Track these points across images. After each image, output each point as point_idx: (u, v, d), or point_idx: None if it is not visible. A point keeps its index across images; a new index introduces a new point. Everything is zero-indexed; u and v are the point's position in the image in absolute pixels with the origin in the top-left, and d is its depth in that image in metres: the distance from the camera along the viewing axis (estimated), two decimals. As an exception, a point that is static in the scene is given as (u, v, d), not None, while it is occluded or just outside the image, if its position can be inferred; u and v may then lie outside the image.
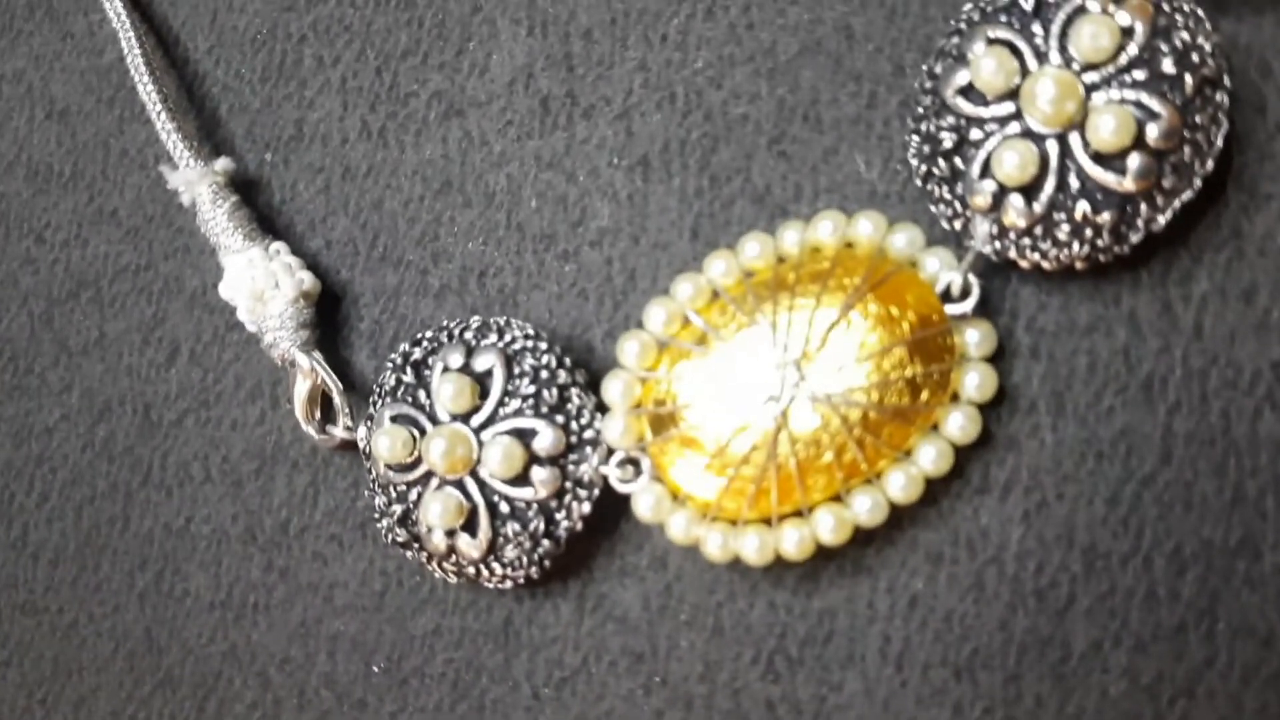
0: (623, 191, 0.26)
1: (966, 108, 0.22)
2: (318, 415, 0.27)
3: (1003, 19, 0.22)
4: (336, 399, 0.26)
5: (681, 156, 0.26)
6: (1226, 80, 0.21)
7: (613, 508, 0.24)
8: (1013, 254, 0.22)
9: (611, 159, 0.26)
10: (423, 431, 0.24)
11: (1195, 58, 0.21)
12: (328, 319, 0.28)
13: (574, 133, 0.26)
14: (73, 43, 0.30)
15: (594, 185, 0.26)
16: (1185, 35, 0.21)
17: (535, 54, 0.27)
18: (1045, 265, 0.22)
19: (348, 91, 0.28)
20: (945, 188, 0.23)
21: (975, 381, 0.23)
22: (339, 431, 0.26)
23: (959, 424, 0.23)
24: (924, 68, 0.23)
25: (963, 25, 0.23)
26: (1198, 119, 0.21)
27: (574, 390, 0.24)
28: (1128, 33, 0.21)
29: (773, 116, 0.25)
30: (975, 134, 0.22)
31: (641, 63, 0.26)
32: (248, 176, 0.29)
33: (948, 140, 0.22)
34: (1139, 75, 0.21)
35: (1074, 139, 0.21)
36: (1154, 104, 0.21)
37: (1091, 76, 0.21)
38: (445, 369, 0.24)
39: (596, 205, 0.26)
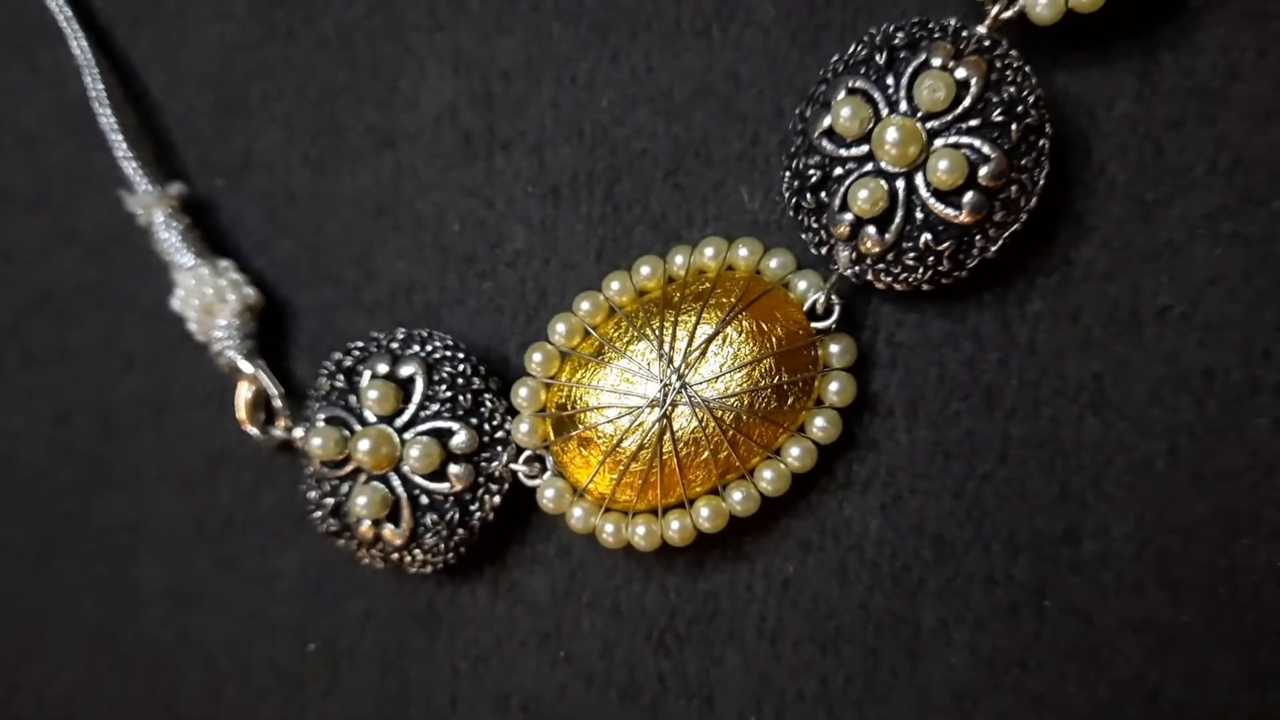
0: (536, 217, 0.30)
1: (829, 148, 0.26)
2: (261, 418, 0.30)
3: (861, 70, 0.26)
4: (277, 402, 0.30)
5: (588, 186, 0.29)
6: (1048, 128, 0.25)
7: (522, 501, 0.28)
8: (870, 277, 0.26)
9: (526, 188, 0.30)
10: (353, 431, 0.28)
11: (1021, 109, 0.25)
12: (271, 331, 0.31)
13: (493, 164, 0.30)
14: (40, 76, 0.34)
15: (510, 211, 0.30)
16: (1013, 89, 0.25)
17: (459, 92, 0.30)
18: (897, 286, 0.26)
19: (291, 124, 0.32)
20: (812, 218, 0.26)
21: (836, 389, 0.27)
22: (279, 432, 0.30)
23: (822, 426, 0.26)
24: (797, 111, 0.27)
25: (829, 75, 0.27)
26: (1023, 161, 0.25)
27: (487, 395, 0.28)
28: (964, 85, 0.25)
29: (669, 152, 0.29)
30: (837, 171, 0.26)
31: (553, 101, 0.30)
32: (200, 200, 0.32)
33: (814, 176, 0.26)
34: (973, 123, 0.25)
35: (918, 178, 0.25)
36: (985, 148, 0.25)
37: (932, 123, 0.25)
38: (373, 375, 0.28)
39: (512, 229, 0.30)
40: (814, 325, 0.27)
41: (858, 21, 0.28)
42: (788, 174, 0.27)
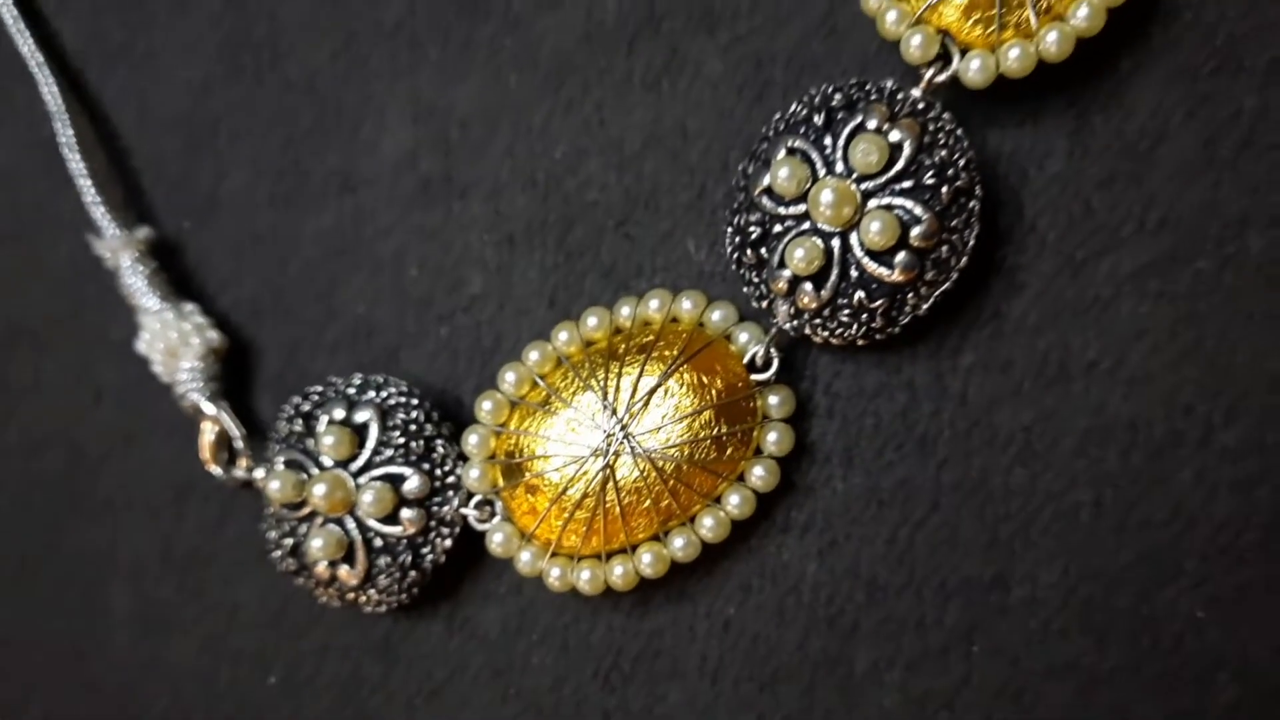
0: (491, 263, 0.31)
1: (769, 206, 0.27)
2: (224, 457, 0.31)
3: (801, 130, 0.27)
4: (239, 443, 0.31)
5: (542, 234, 0.30)
6: (978, 190, 0.26)
7: (474, 540, 0.29)
8: (807, 331, 0.27)
9: (482, 234, 0.31)
10: (310, 475, 0.29)
11: (951, 172, 0.26)
12: (235, 368, 0.32)
13: (451, 210, 0.31)
14: (14, 115, 0.35)
15: (467, 257, 0.31)
16: (944, 152, 0.26)
17: (419, 139, 0.31)
18: (834, 341, 0.27)
19: (257, 165, 0.33)
20: (753, 273, 0.27)
21: (775, 439, 0.28)
22: (240, 472, 0.31)
23: (760, 475, 0.27)
24: (740, 167, 0.28)
25: (770, 133, 0.28)
26: (954, 223, 0.26)
27: (439, 441, 0.29)
28: (898, 148, 0.26)
29: (619, 202, 0.30)
30: (776, 228, 0.27)
31: (509, 150, 0.31)
32: (167, 241, 0.33)
33: (754, 233, 0.27)
34: (906, 185, 0.26)
35: (853, 237, 0.26)
36: (917, 210, 0.26)
37: (867, 184, 0.26)
38: (329, 421, 0.29)
39: (469, 275, 0.31)
40: (753, 377, 0.28)
41: (801, 78, 0.29)
42: (730, 229, 0.28)
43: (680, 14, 0.30)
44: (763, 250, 0.27)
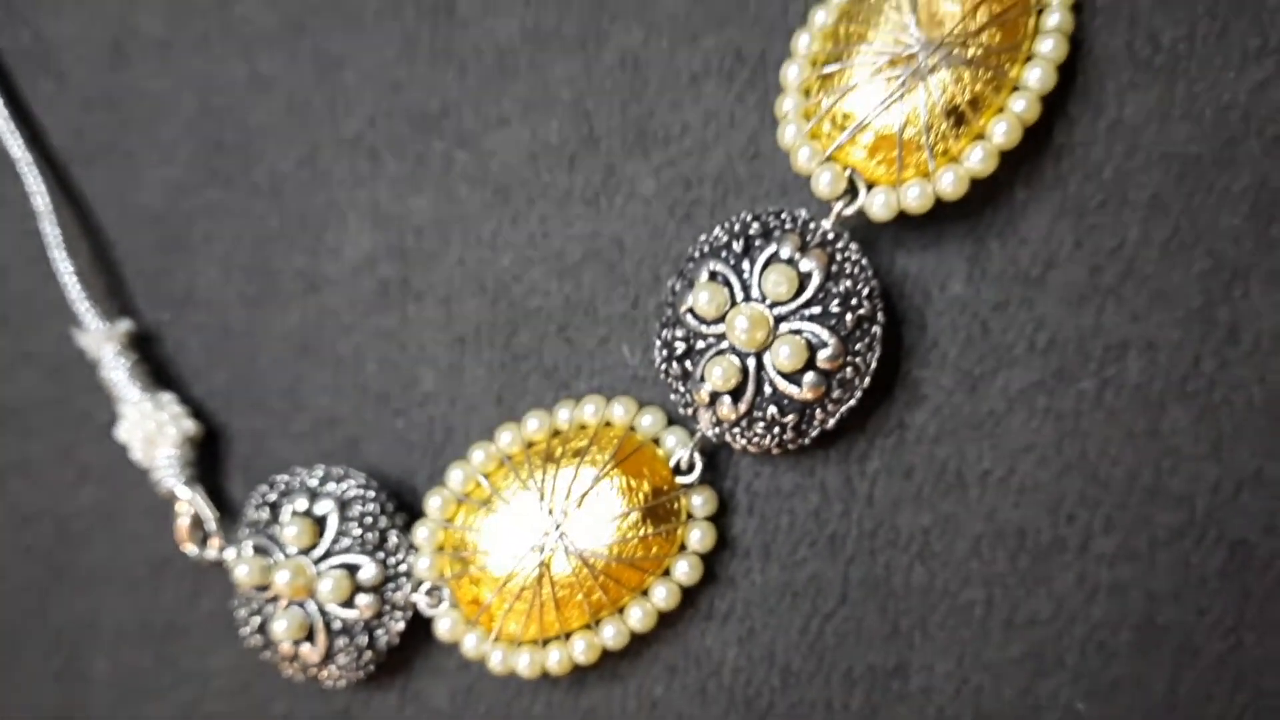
0: (443, 362, 0.33)
1: (693, 323, 0.30)
2: (199, 536, 0.34)
3: (722, 254, 0.30)
4: (211, 525, 0.34)
5: (490, 337, 0.33)
6: (880, 317, 0.29)
7: (426, 624, 0.32)
8: (728, 438, 0.30)
9: (435, 335, 0.33)
10: (275, 561, 0.32)
11: (855, 301, 0.28)
12: (209, 453, 0.35)
13: (406, 311, 0.34)
14: (5, 208, 0.37)
15: (421, 356, 0.34)
16: (849, 282, 0.29)
17: (378, 244, 0.34)
18: (751, 449, 0.30)
19: (228, 264, 0.35)
20: (679, 383, 0.30)
21: (698, 537, 0.30)
22: (212, 553, 0.34)
23: (684, 570, 0.30)
24: (669, 284, 0.30)
25: (696, 254, 0.30)
26: (857, 347, 0.29)
27: (393, 532, 0.32)
28: (808, 277, 0.29)
29: (561, 309, 0.33)
30: (699, 345, 0.30)
31: (460, 259, 0.33)
32: (146, 331, 0.36)
33: (679, 348, 0.30)
34: (814, 311, 0.29)
35: (766, 357, 0.29)
36: (823, 335, 0.28)
37: (779, 310, 0.29)
38: (293, 512, 0.32)
39: (423, 373, 0.33)
40: (679, 480, 0.30)
41: (727, 199, 0.31)
42: (659, 342, 0.30)
43: (617, 136, 0.32)
44: (687, 364, 0.30)
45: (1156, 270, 0.29)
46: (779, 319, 0.29)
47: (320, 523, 0.32)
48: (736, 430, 0.29)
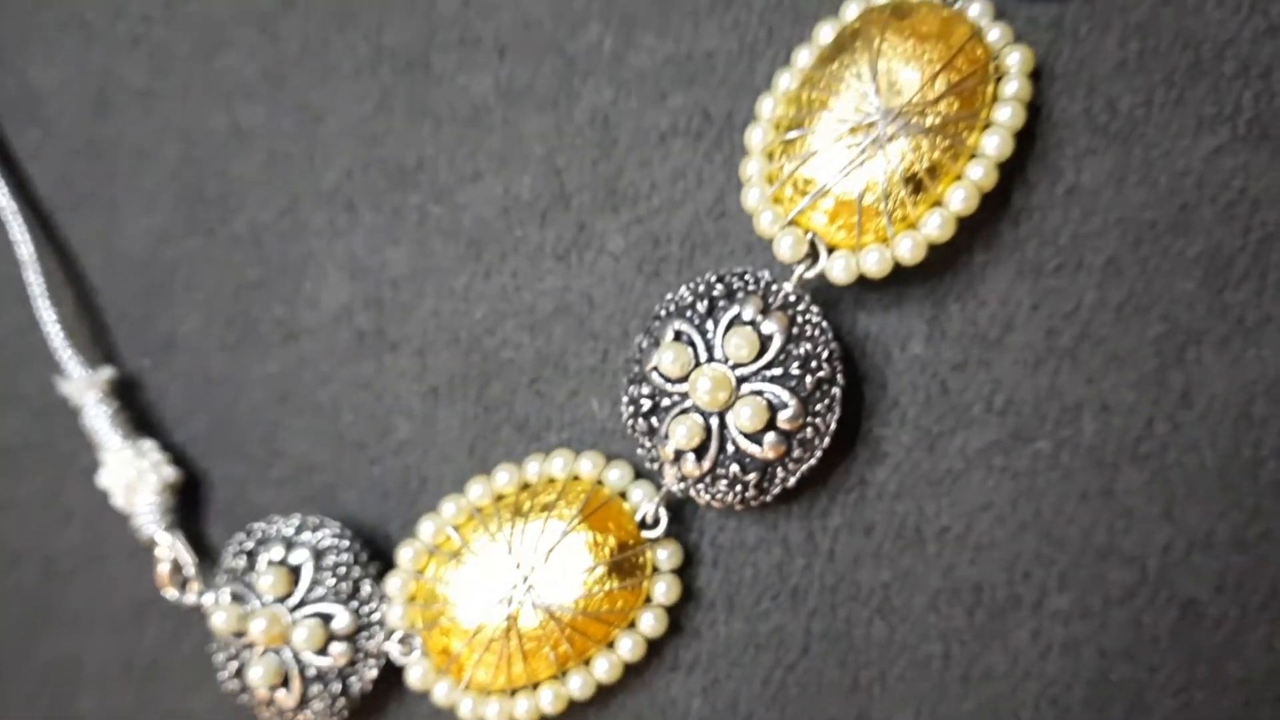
0: (418, 412, 0.34)
1: (658, 381, 0.30)
2: (179, 580, 0.35)
3: (687, 314, 0.30)
4: (191, 570, 0.34)
5: (463, 388, 0.34)
6: (839, 378, 0.29)
7: (399, 671, 0.33)
8: (692, 494, 0.30)
9: (410, 385, 0.34)
10: (251, 608, 0.33)
11: (815, 364, 0.29)
12: (190, 498, 0.36)
13: (382, 362, 0.34)
14: (-10, 253, 0.38)
15: (396, 405, 0.34)
16: (809, 345, 0.29)
17: (355, 295, 0.35)
18: (714, 504, 0.30)
19: (209, 312, 0.36)
20: (645, 438, 0.31)
21: (663, 590, 0.31)
22: (192, 597, 0.34)
23: (650, 623, 0.31)
24: (636, 341, 0.31)
25: (662, 313, 0.31)
26: (817, 408, 0.29)
27: (366, 582, 0.32)
28: (769, 339, 0.29)
29: (532, 362, 0.33)
30: (664, 402, 0.30)
31: (435, 310, 0.34)
32: (128, 377, 0.37)
33: (646, 405, 0.30)
34: (775, 373, 0.29)
35: (729, 417, 0.30)
36: (784, 396, 0.29)
37: (741, 371, 0.29)
38: (269, 561, 0.33)
39: (397, 422, 0.34)
40: (645, 534, 0.31)
41: (694, 256, 0.32)
42: (626, 398, 0.31)
43: (588, 192, 0.33)
44: (653, 420, 0.30)
45: (1111, 333, 0.29)
46: (741, 380, 0.29)
47: (295, 572, 0.33)
48: (701, 486, 0.30)
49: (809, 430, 0.29)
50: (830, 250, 0.30)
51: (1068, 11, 0.30)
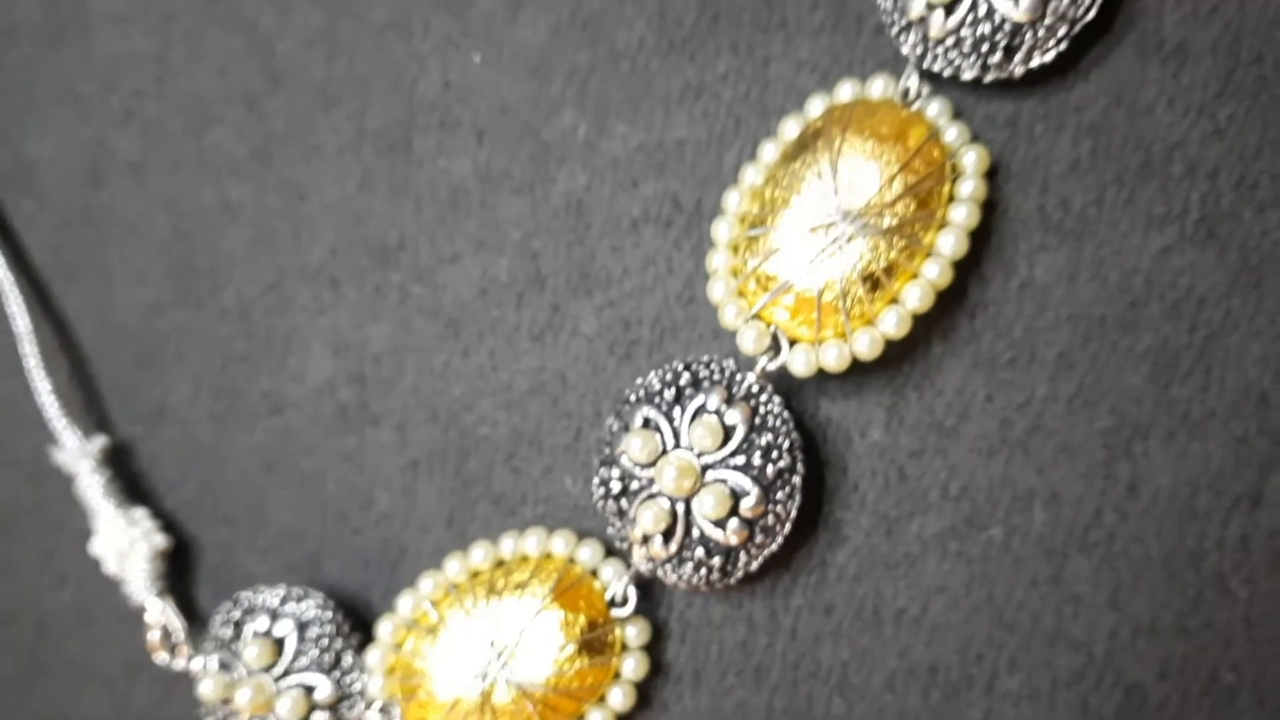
0: (398, 485, 0.35)
1: (627, 465, 0.32)
2: (169, 644, 0.36)
3: (655, 401, 0.31)
4: (180, 639, 0.36)
5: (442, 463, 0.35)
6: (800, 468, 0.30)
7: (378, 736, 0.34)
8: (660, 574, 0.32)
9: (390, 459, 0.35)
10: (237, 677, 0.34)
11: (776, 454, 0.30)
12: (180, 562, 0.37)
13: (364, 435, 0.36)
14: (-13, 320, 0.40)
15: (377, 478, 0.35)
16: (770, 436, 0.30)
17: (338, 370, 0.36)
18: (681, 585, 0.32)
19: (198, 382, 0.37)
20: (615, 518, 0.32)
21: (631, 666, 0.32)
22: (181, 662, 0.36)
23: (619, 698, 0.32)
24: (607, 424, 0.32)
25: (632, 398, 0.32)
26: (778, 496, 0.30)
27: (348, 653, 0.34)
28: (733, 429, 0.31)
29: (508, 439, 0.34)
30: (633, 485, 0.31)
31: (415, 387, 0.35)
32: (121, 444, 0.38)
33: (616, 487, 0.32)
34: (738, 462, 0.30)
35: (695, 503, 0.31)
36: (746, 485, 0.30)
37: (705, 459, 0.31)
38: (255, 632, 0.34)
39: (378, 494, 0.35)
40: (614, 613, 0.32)
41: (664, 340, 0.33)
42: (597, 479, 0.32)
43: (562, 276, 0.34)
44: (622, 502, 0.32)
45: (1062, 425, 0.30)
46: (706, 468, 0.31)
47: (280, 643, 0.34)
48: (668, 568, 0.31)
49: (770, 517, 0.31)
50: (792, 343, 0.31)
51: (1024, 110, 0.31)
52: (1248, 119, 0.30)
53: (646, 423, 0.31)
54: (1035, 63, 0.30)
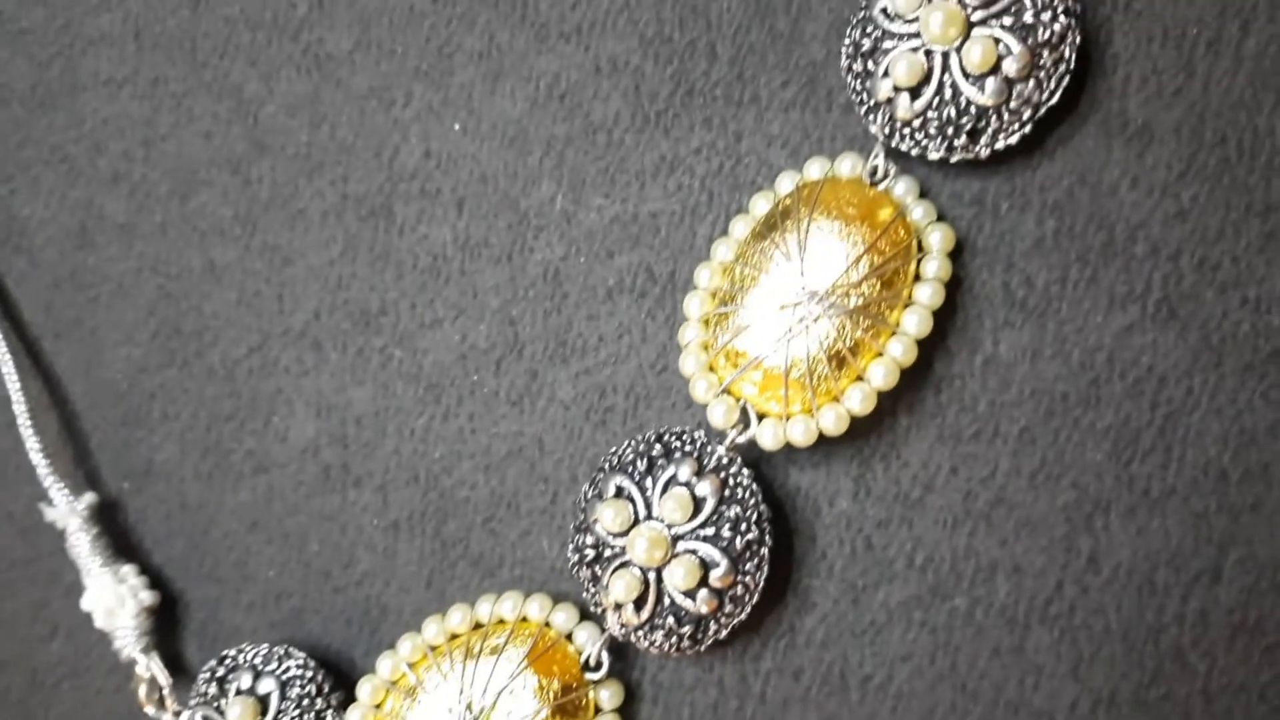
0: (379, 546, 0.36)
1: (601, 533, 0.32)
2: (156, 698, 0.37)
3: (628, 470, 0.32)
4: (166, 692, 0.37)
5: (421, 524, 0.36)
6: (768, 539, 0.31)
7: (359, 793, 0.35)
8: (632, 639, 0.32)
9: (372, 519, 0.36)
10: (221, 734, 0.35)
11: (744, 526, 0.31)
12: (167, 618, 0.38)
13: (346, 495, 0.36)
14: (-21, 375, 0.40)
15: (359, 538, 0.36)
16: (739, 508, 0.31)
17: (321, 432, 0.37)
18: (653, 652, 0.32)
19: (184, 441, 0.38)
20: (590, 584, 0.33)
21: (604, 729, 0.33)
22: (167, 718, 0.36)
23: (592, 760, 0.33)
24: (583, 490, 0.33)
25: (605, 467, 0.33)
26: (747, 566, 0.31)
27: (329, 712, 0.34)
28: (702, 501, 0.31)
29: (486, 502, 0.35)
30: (606, 553, 0.32)
31: (396, 449, 0.36)
32: (109, 500, 0.39)
33: (589, 555, 0.32)
34: (708, 533, 0.31)
35: (665, 573, 0.31)
36: (716, 556, 0.31)
37: (676, 529, 0.31)
38: (238, 690, 0.35)
39: (360, 554, 0.36)
40: (588, 676, 0.33)
41: (638, 407, 0.34)
42: (572, 545, 0.33)
43: (540, 343, 0.35)
44: (596, 569, 0.32)
45: (1025, 499, 0.31)
46: (676, 538, 0.31)
47: (263, 701, 0.35)
48: (640, 634, 0.32)
49: (739, 588, 0.31)
50: (760, 418, 0.32)
51: (989, 188, 0.32)
52: (1210, 200, 0.30)
53: (619, 492, 0.32)
54: (1000, 144, 0.31)
